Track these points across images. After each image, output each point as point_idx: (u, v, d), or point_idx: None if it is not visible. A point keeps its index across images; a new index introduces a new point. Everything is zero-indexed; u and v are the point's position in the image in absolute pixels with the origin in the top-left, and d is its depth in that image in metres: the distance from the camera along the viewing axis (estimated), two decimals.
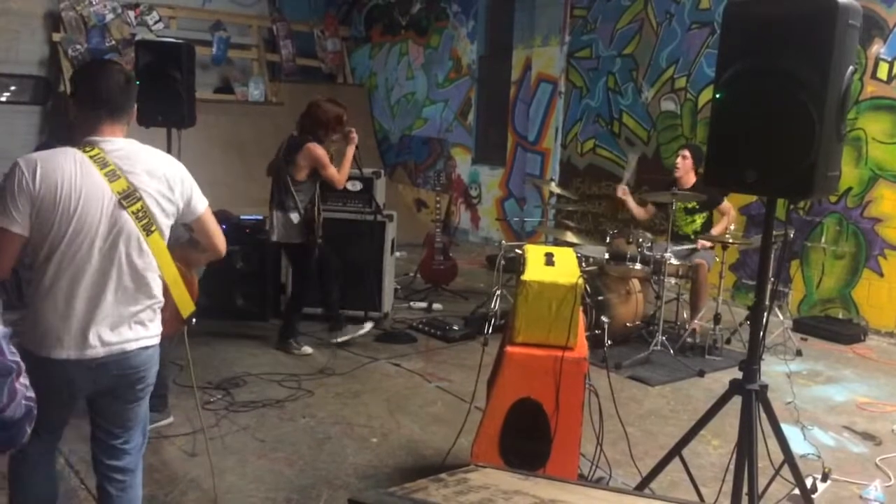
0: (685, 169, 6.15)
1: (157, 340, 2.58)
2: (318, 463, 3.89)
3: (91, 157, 2.38)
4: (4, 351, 1.43)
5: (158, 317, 2.58)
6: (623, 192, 6.49)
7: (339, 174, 5.36)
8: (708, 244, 6.01)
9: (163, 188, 2.49)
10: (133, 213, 2.41)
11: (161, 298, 2.57)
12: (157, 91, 5.40)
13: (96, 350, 2.41)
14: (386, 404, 4.70)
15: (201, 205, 2.65)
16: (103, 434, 2.61)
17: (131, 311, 2.47)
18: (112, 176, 2.39)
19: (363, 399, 4.77)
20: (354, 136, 5.45)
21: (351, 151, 5.44)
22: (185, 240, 2.84)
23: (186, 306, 2.70)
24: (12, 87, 9.69)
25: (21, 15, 9.59)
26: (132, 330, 2.48)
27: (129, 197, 2.40)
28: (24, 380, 1.49)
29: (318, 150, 5.27)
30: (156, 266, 2.51)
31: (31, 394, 1.49)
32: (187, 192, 2.58)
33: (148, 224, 2.44)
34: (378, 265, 6.21)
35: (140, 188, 2.43)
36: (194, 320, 2.77)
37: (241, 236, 6.10)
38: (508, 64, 9.67)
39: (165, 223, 2.52)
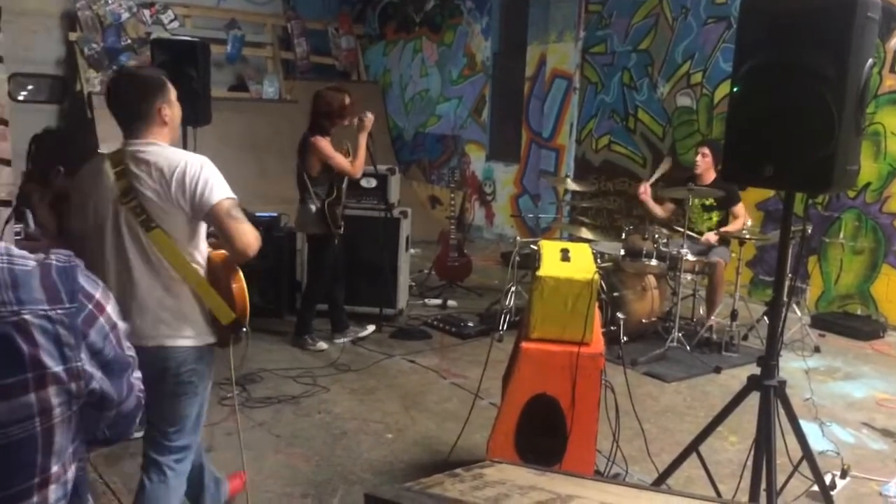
0: (705, 166, 6.09)
1: (184, 342, 2.56)
2: (333, 458, 3.90)
3: (110, 157, 2.52)
4: (124, 346, 1.46)
5: (189, 319, 2.56)
6: (644, 190, 6.39)
7: (350, 164, 5.33)
8: (714, 239, 5.95)
9: (159, 186, 2.47)
10: (131, 209, 2.47)
11: (180, 298, 2.54)
12: None
13: None
14: (401, 400, 4.71)
15: (213, 198, 2.48)
16: (148, 424, 2.68)
17: (153, 308, 2.52)
18: (120, 175, 2.49)
19: (378, 395, 4.78)
20: (368, 122, 5.37)
21: (363, 139, 5.36)
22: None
23: (222, 313, 2.57)
24: (29, 87, 9.77)
25: (38, 14, 9.66)
26: (153, 327, 2.52)
27: (127, 194, 2.47)
28: (137, 373, 1.53)
29: (320, 143, 5.27)
30: (166, 264, 2.50)
31: (142, 385, 1.53)
32: (190, 187, 2.47)
33: (147, 220, 2.46)
34: (393, 262, 6.22)
35: (138, 186, 2.47)
36: (245, 329, 2.63)
37: None
38: (523, 60, 9.63)
39: (168, 220, 2.48)
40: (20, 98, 9.54)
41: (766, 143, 2.64)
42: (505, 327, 5.83)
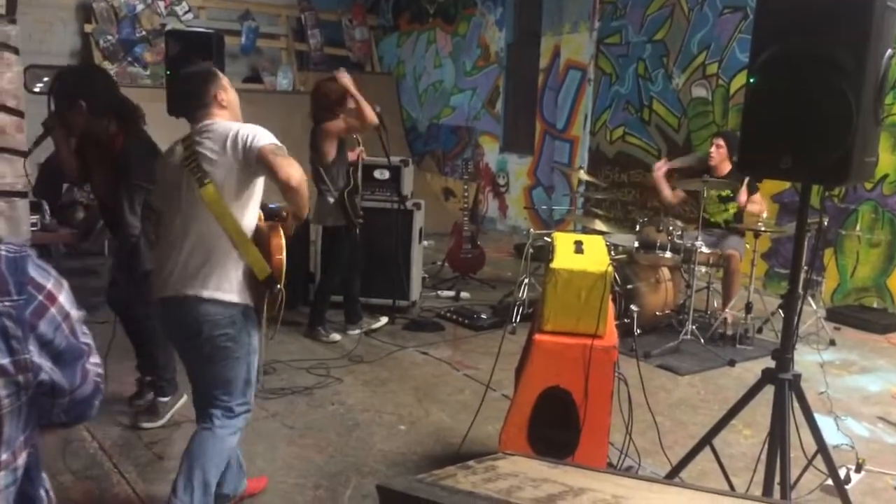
0: (720, 157, 6.06)
1: (219, 296, 2.80)
2: (346, 450, 3.91)
3: (182, 140, 2.92)
4: (78, 334, 1.47)
5: (227, 276, 2.81)
6: (659, 167, 6.38)
7: (361, 117, 5.25)
8: (743, 201, 5.82)
9: (215, 146, 2.80)
10: (190, 170, 2.81)
11: (222, 255, 2.79)
12: None
13: (165, 291, 2.85)
14: (414, 392, 4.72)
15: (260, 142, 2.77)
16: (194, 386, 3.08)
17: (198, 261, 2.80)
18: (187, 146, 2.87)
19: (391, 387, 4.79)
20: (340, 75, 5.27)
21: (355, 92, 5.25)
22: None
23: (260, 268, 2.83)
24: (45, 78, 9.77)
25: (53, 6, 9.69)
26: (193, 278, 2.80)
27: (188, 158, 2.83)
28: (94, 359, 1.53)
29: (331, 125, 5.27)
30: (213, 218, 2.77)
31: (101, 370, 1.54)
32: (241, 141, 2.78)
33: (201, 177, 2.78)
34: (406, 254, 6.22)
35: (198, 150, 2.82)
36: (279, 286, 2.88)
37: None
38: (537, 51, 9.59)
39: (219, 176, 2.78)
40: (36, 90, 9.58)
41: (782, 135, 2.61)
42: (518, 319, 5.82)
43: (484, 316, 6.12)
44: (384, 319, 5.92)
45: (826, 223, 5.77)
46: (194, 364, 2.99)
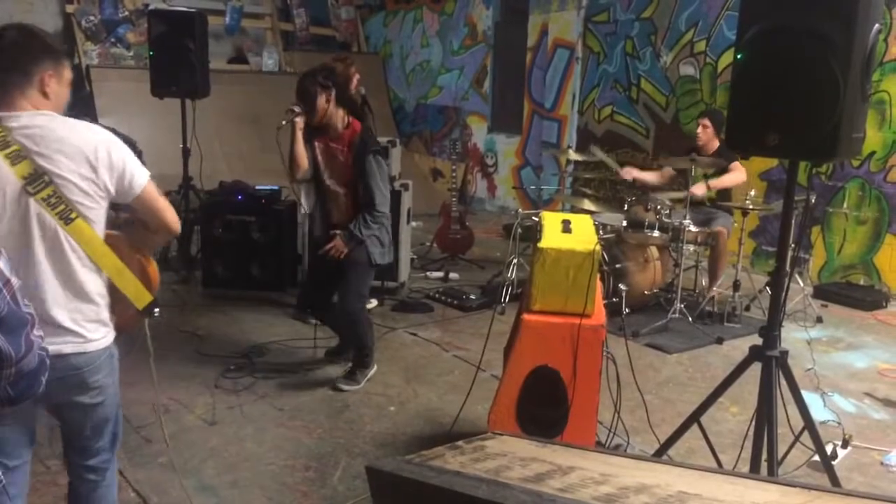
0: (706, 137, 6.04)
1: (99, 345, 2.24)
2: (336, 431, 3.91)
3: None
4: (19, 302, 1.46)
5: (102, 318, 2.26)
6: (628, 173, 6.44)
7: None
8: (701, 192, 5.85)
9: (81, 168, 2.13)
10: (43, 199, 2.07)
11: (101, 296, 2.25)
12: (171, 61, 5.39)
13: None
14: (403, 373, 4.71)
15: (140, 180, 2.25)
16: (70, 435, 2.40)
17: (64, 313, 2.16)
18: (15, 158, 2.06)
19: (381, 368, 4.78)
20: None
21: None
22: (120, 221, 2.41)
23: (141, 297, 2.32)
24: None
25: None
26: (67, 334, 2.17)
27: (35, 181, 2.07)
28: (37, 331, 1.53)
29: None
30: (86, 259, 2.18)
31: (45, 345, 1.53)
32: (118, 168, 2.20)
33: (65, 211, 2.10)
34: (394, 235, 6.18)
35: (50, 170, 2.09)
36: (157, 311, 2.37)
37: (257, 207, 6.09)
38: (524, 30, 9.53)
39: (91, 207, 2.16)
40: None
41: (769, 111, 2.60)
42: (507, 300, 5.82)
43: (473, 296, 6.12)
44: (373, 301, 5.90)
45: (813, 201, 5.78)
46: (74, 417, 2.37)
